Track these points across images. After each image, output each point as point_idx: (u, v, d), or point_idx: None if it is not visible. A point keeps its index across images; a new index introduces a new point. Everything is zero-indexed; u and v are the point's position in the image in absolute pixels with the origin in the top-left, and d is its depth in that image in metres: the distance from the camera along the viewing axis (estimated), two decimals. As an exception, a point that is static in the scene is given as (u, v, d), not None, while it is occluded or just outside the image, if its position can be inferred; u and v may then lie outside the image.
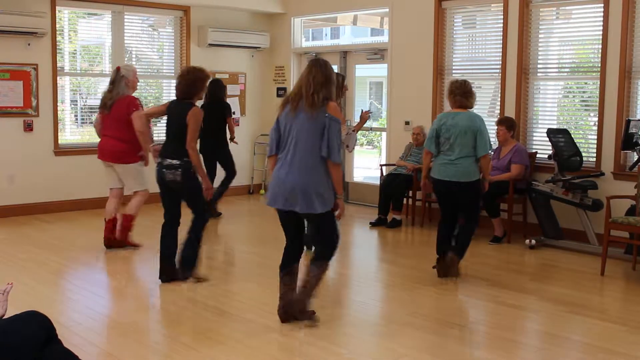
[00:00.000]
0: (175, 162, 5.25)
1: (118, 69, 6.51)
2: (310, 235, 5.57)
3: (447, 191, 5.60)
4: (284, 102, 4.45)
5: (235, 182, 9.91)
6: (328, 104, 4.31)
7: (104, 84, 9.33)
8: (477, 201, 5.72)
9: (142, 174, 6.52)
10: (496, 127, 7.21)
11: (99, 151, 6.55)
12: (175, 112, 5.40)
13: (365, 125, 7.63)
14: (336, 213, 4.39)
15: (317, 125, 4.26)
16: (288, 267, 4.53)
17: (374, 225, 7.91)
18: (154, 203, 6.15)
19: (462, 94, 5.56)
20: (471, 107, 5.65)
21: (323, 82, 4.31)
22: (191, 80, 5.36)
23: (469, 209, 5.66)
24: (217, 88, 8.23)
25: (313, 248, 6.11)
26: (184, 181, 5.25)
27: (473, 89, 5.67)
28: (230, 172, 8.34)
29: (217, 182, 8.07)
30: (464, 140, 5.45)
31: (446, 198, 5.69)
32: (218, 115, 8.14)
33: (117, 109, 6.35)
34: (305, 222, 4.62)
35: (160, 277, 5.45)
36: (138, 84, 6.77)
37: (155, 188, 5.58)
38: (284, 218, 4.47)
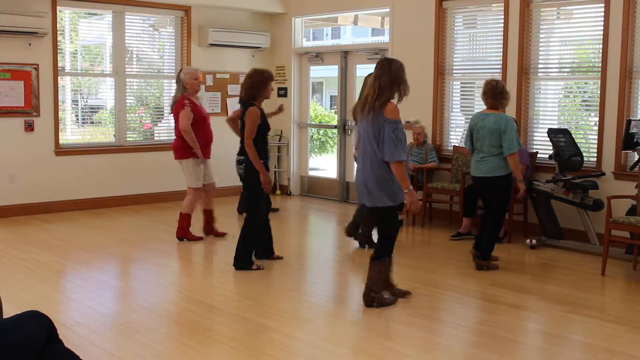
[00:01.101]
0: (241, 157, 5.81)
1: (179, 72, 6.94)
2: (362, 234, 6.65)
3: (481, 187, 6.00)
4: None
5: (235, 182, 9.95)
6: (385, 107, 4.62)
7: (104, 84, 9.39)
8: (502, 200, 5.95)
9: (196, 171, 6.82)
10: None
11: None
12: (241, 112, 5.85)
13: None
14: (406, 203, 4.71)
15: (376, 129, 4.62)
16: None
17: (375, 225, 7.91)
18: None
19: (493, 95, 5.89)
20: (501, 108, 5.94)
21: (378, 85, 4.65)
22: (251, 83, 5.80)
23: (494, 206, 5.94)
24: None
25: (366, 247, 6.65)
26: (246, 175, 5.78)
27: (505, 90, 5.94)
28: None
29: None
30: (491, 141, 5.80)
31: (482, 194, 6.12)
32: None
33: (175, 109, 6.81)
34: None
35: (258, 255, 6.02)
36: (139, 83, 6.94)
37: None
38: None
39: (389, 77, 4.65)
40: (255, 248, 6.00)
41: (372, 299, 4.86)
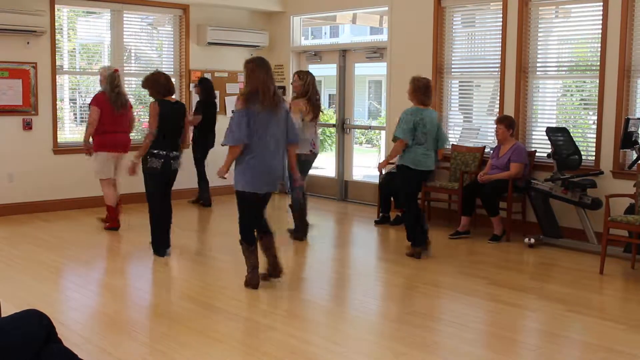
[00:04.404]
0: (178, 153, 6.28)
1: (114, 71, 7.35)
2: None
3: (424, 180, 6.63)
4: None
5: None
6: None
7: (103, 83, 9.37)
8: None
9: (96, 164, 7.29)
10: (495, 126, 7.22)
11: None
12: (176, 112, 6.33)
13: (364, 124, 7.73)
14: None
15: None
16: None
17: (378, 223, 7.94)
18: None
19: (425, 92, 6.28)
20: (430, 105, 6.37)
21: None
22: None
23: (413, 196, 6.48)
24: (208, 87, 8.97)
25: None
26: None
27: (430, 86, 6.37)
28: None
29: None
30: (433, 135, 6.26)
31: (420, 186, 6.58)
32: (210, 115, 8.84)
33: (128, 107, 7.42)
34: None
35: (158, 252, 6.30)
36: (138, 82, 7.51)
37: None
38: None
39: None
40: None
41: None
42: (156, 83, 6.16)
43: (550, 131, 6.88)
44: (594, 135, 7.01)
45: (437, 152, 6.38)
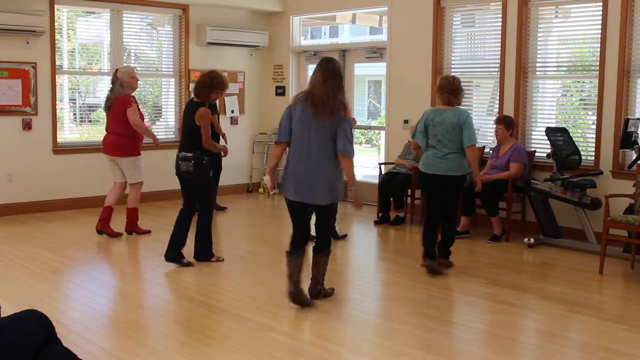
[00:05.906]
0: (188, 154, 5.86)
1: (116, 72, 7.15)
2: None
3: (437, 185, 5.72)
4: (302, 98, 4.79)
5: (234, 181, 9.94)
6: (344, 108, 4.71)
7: (102, 83, 9.36)
8: (458, 198, 6.04)
9: (138, 168, 7.08)
10: (495, 126, 7.23)
11: (103, 146, 7.17)
12: (187, 112, 5.99)
13: (363, 124, 7.70)
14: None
15: (332, 127, 4.67)
16: (296, 252, 4.89)
17: (377, 223, 7.94)
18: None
19: (450, 91, 5.71)
20: (458, 105, 5.77)
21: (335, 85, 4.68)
22: (196, 82, 6.04)
23: (453, 204, 5.86)
24: None
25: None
26: (196, 171, 5.86)
27: (462, 86, 5.81)
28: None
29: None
30: (452, 136, 5.61)
31: (435, 193, 5.80)
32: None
33: (115, 107, 7.01)
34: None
35: (165, 256, 5.95)
36: (137, 82, 7.30)
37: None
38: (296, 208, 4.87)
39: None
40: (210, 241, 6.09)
41: (319, 291, 4.97)
42: None
43: (549, 131, 6.88)
44: (594, 135, 7.01)
45: (466, 152, 5.61)
